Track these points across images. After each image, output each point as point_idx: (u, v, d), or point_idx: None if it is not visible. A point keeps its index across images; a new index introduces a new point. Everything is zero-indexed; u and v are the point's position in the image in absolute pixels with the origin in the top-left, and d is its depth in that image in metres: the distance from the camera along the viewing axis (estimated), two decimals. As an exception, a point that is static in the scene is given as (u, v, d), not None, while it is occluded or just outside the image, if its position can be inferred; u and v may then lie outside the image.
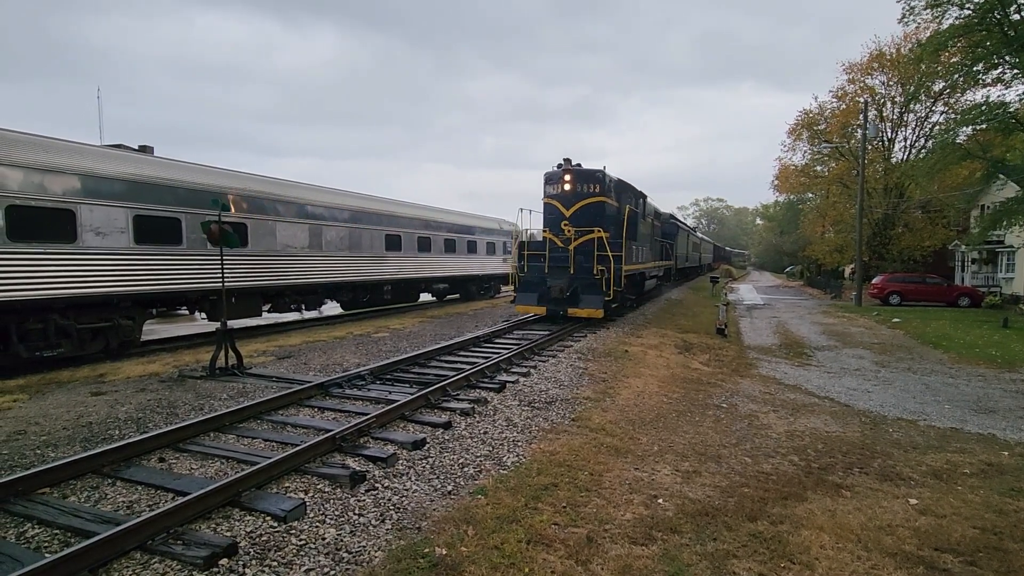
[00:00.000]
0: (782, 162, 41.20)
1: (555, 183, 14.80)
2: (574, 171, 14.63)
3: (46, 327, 9.82)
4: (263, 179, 15.20)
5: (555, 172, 14.90)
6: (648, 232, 19.06)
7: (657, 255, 21.80)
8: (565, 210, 14.47)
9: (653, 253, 20.37)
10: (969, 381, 10.95)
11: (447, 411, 6.83)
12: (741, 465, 5.77)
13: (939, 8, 20.94)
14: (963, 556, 4.06)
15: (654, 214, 21.62)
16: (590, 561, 3.76)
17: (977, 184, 26.34)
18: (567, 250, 14.00)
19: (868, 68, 34.13)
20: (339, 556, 3.67)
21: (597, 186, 14.47)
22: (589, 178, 14.55)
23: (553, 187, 14.89)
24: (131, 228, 10.95)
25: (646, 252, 18.13)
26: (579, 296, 13.66)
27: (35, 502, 4.24)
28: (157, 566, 3.47)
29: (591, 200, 14.46)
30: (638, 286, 18.30)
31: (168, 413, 6.76)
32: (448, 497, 4.63)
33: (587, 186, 14.47)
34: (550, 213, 14.91)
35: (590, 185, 14.48)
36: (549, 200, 14.99)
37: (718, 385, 9.70)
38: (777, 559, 3.87)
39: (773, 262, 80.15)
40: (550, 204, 14.94)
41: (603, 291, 13.48)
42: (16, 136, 9.88)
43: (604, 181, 14.59)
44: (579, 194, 14.49)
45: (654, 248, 20.77)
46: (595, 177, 14.55)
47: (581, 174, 14.65)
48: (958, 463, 6.21)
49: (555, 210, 14.74)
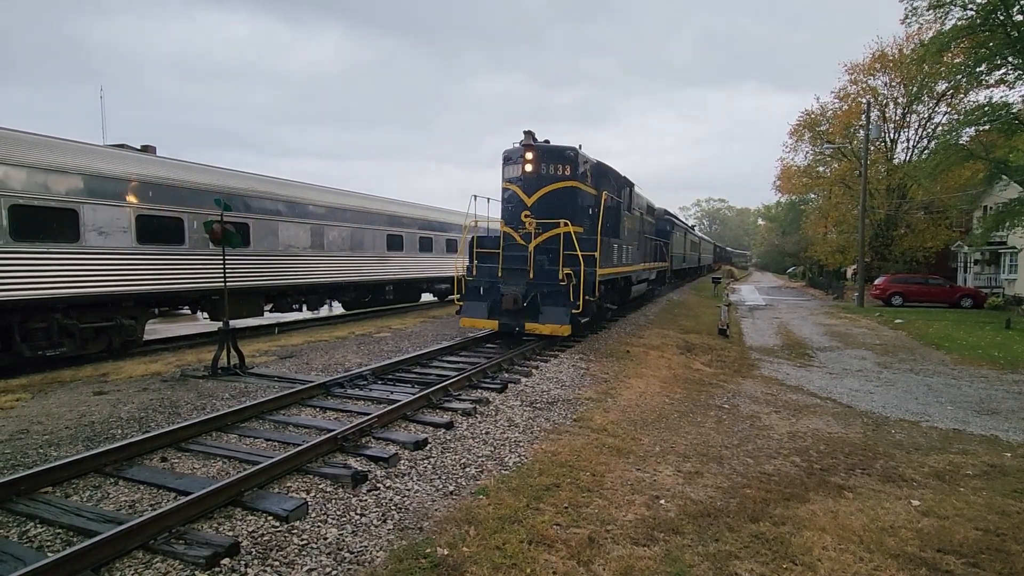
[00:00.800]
0: (784, 163, 41.29)
1: (515, 163, 11.86)
2: (538, 148, 11.52)
3: (49, 326, 9.84)
4: (265, 179, 15.22)
5: (515, 149, 11.89)
6: (636, 228, 16.16)
7: (649, 255, 19.08)
8: (526, 198, 11.53)
9: (643, 253, 17.55)
10: (971, 382, 10.92)
11: (449, 411, 6.83)
12: (743, 466, 5.76)
13: (942, 9, 20.91)
14: (966, 557, 4.05)
15: (646, 208, 18.88)
16: (592, 562, 3.75)
17: (980, 185, 26.33)
18: (527, 248, 11.15)
19: (870, 69, 34.13)
20: (341, 556, 3.68)
21: (567, 168, 11.52)
22: (557, 157, 11.60)
23: (512, 168, 11.95)
24: (134, 228, 10.97)
25: (633, 252, 15.27)
26: (539, 307, 10.70)
27: (37, 501, 4.24)
28: (159, 565, 3.47)
29: (559, 185, 11.51)
30: (623, 292, 15.39)
31: (170, 413, 6.76)
32: (450, 497, 4.63)
33: (554, 167, 11.53)
34: (508, 202, 12.04)
35: (558, 166, 11.54)
36: (508, 185, 12.07)
37: (720, 386, 9.68)
38: (779, 560, 3.87)
39: (775, 263, 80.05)
40: (509, 190, 12.02)
41: (571, 301, 10.51)
42: (19, 136, 9.91)
43: (576, 162, 11.63)
44: (544, 177, 11.50)
45: (644, 247, 17.93)
46: (565, 156, 11.58)
47: (547, 152, 11.61)
48: (960, 464, 6.19)
49: (514, 198, 11.85)
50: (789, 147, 40.60)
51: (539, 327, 10.58)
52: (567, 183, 11.57)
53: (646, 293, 20.46)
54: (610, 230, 12.59)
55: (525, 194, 11.59)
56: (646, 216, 18.82)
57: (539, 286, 10.80)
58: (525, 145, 11.58)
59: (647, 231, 18.89)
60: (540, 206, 11.45)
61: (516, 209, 11.66)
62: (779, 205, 67.69)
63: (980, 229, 24.30)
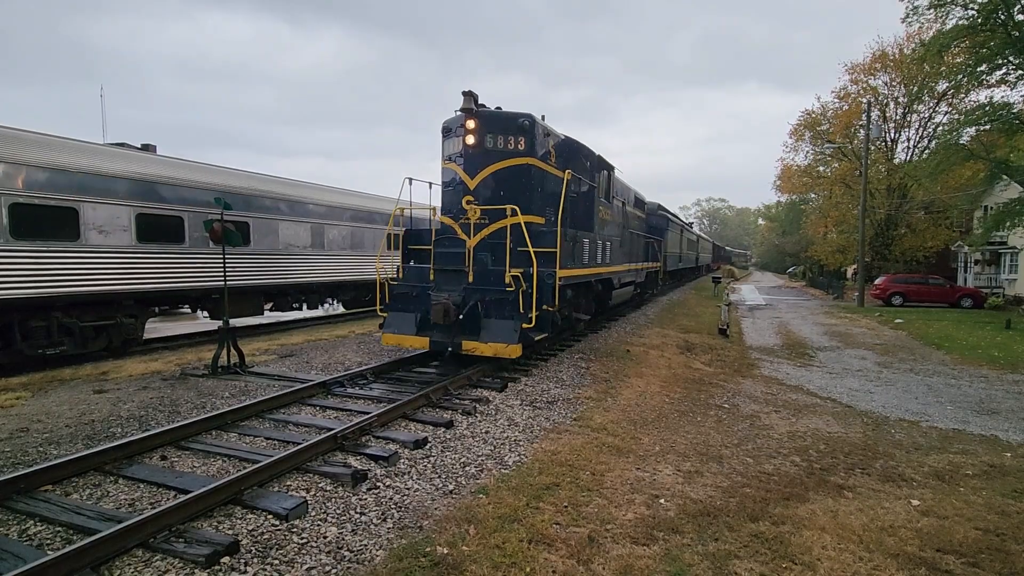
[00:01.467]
0: (784, 162, 41.34)
1: (455, 136, 9.45)
2: (481, 115, 9.08)
3: (49, 325, 9.85)
4: (266, 177, 15.22)
5: (455, 118, 9.46)
6: (618, 221, 13.73)
7: (637, 254, 16.59)
8: (468, 179, 9.17)
9: (628, 251, 14.98)
10: (972, 382, 10.92)
11: (449, 410, 6.83)
12: (743, 465, 5.77)
13: (943, 8, 20.90)
14: (965, 557, 4.05)
15: (633, 201, 16.55)
16: (591, 561, 3.75)
17: (980, 185, 26.33)
18: (465, 243, 8.79)
19: (871, 68, 34.13)
20: (340, 555, 3.68)
21: (521, 141, 9.10)
22: (508, 127, 9.11)
23: (452, 143, 9.56)
24: (134, 226, 10.97)
25: (613, 249, 12.83)
26: (479, 321, 8.36)
27: (37, 499, 4.25)
28: (159, 564, 3.48)
29: (510, 163, 9.11)
30: (601, 298, 12.99)
31: (170, 411, 6.77)
32: (450, 496, 4.63)
33: (504, 141, 9.12)
34: (448, 185, 9.70)
35: (509, 139, 9.12)
36: (448, 164, 9.68)
37: (720, 385, 9.68)
38: (779, 560, 3.87)
39: (775, 262, 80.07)
40: (449, 171, 9.67)
41: (521, 312, 8.13)
42: (19, 134, 9.91)
43: (533, 134, 9.16)
44: (490, 153, 9.11)
45: (631, 245, 15.48)
46: (518, 127, 9.10)
47: (493, 120, 9.16)
48: (960, 464, 6.19)
49: (454, 179, 9.48)
50: (789, 147, 40.73)
51: (479, 346, 8.19)
52: (520, 160, 9.14)
53: (633, 298, 18.10)
54: (580, 221, 10.49)
55: (467, 174, 9.20)
56: (633, 209, 16.48)
57: (481, 292, 8.41)
58: (465, 111, 8.97)
59: (634, 226, 16.37)
60: (485, 189, 9.12)
61: (457, 194, 9.33)
62: (779, 205, 67.67)
63: (980, 229, 24.32)
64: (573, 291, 10.11)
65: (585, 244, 10.34)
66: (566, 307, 9.88)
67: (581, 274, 10.14)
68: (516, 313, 8.16)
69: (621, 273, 14.01)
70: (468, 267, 8.66)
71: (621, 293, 14.53)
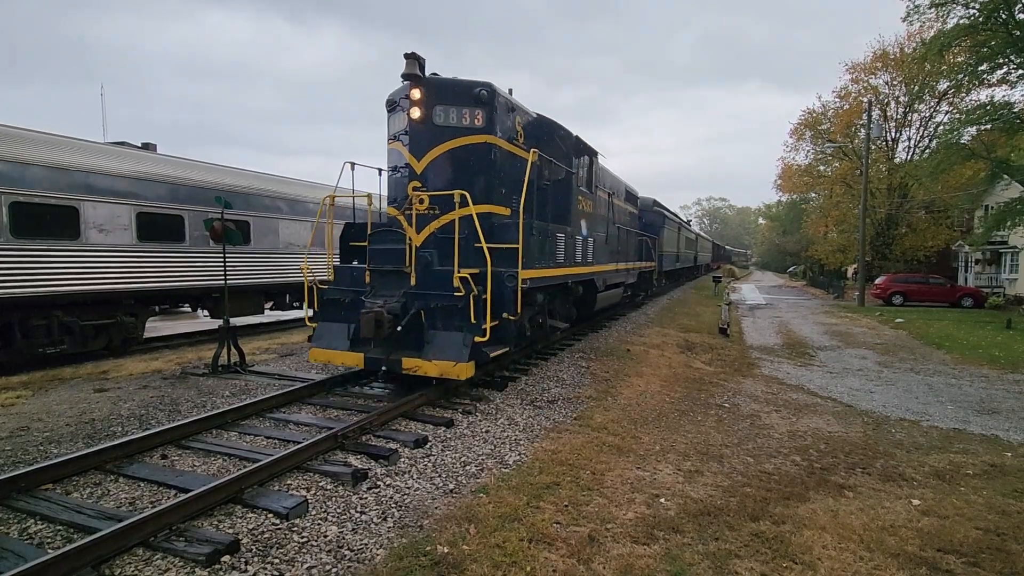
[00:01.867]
0: (785, 162, 41.32)
1: (400, 110, 8.07)
2: (430, 84, 7.66)
3: (49, 324, 9.85)
4: (267, 176, 15.22)
5: (401, 88, 8.05)
6: (603, 215, 12.40)
7: (627, 253, 15.22)
8: (415, 161, 7.74)
9: (616, 249, 13.61)
10: (972, 382, 10.92)
11: (449, 409, 6.83)
12: (743, 465, 5.76)
13: (944, 7, 20.88)
14: (966, 557, 4.05)
15: (624, 195, 15.17)
16: (592, 560, 3.75)
17: (981, 184, 26.32)
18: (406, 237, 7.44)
19: (872, 68, 34.13)
20: (341, 554, 3.68)
21: (479, 115, 7.73)
22: (461, 97, 7.74)
23: (398, 119, 8.19)
24: (134, 225, 10.97)
25: (598, 247, 11.56)
26: (423, 333, 6.97)
27: (38, 498, 4.25)
28: (160, 562, 3.48)
29: (465, 141, 7.72)
30: (582, 303, 11.66)
31: (171, 410, 6.77)
32: (450, 495, 4.63)
33: (457, 114, 7.74)
34: (395, 170, 8.35)
35: (464, 113, 7.74)
36: (393, 144, 8.33)
37: (720, 385, 9.68)
38: (779, 559, 3.87)
39: (776, 262, 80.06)
40: (394, 151, 8.29)
41: (473, 323, 6.76)
42: (20, 133, 9.91)
43: (494, 107, 7.78)
44: (440, 131, 7.70)
45: (621, 242, 14.13)
46: (473, 96, 7.70)
47: (444, 89, 7.76)
48: (961, 464, 6.19)
49: (400, 161, 8.12)
50: (790, 146, 40.73)
51: (422, 364, 6.73)
52: (478, 138, 7.76)
53: (623, 302, 16.48)
54: (553, 212, 9.12)
55: (413, 156, 7.78)
56: (624, 204, 15.20)
57: (425, 298, 7.04)
58: (409, 78, 7.45)
59: (624, 222, 15.02)
60: (435, 174, 7.73)
61: (403, 180, 7.97)
62: (780, 204, 67.64)
63: (981, 229, 24.30)
64: (545, 295, 8.98)
65: (560, 240, 9.06)
66: (537, 314, 8.87)
67: (554, 275, 8.79)
68: (467, 324, 6.77)
69: (607, 274, 12.68)
70: (410, 267, 7.24)
71: (608, 296, 13.17)
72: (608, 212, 12.96)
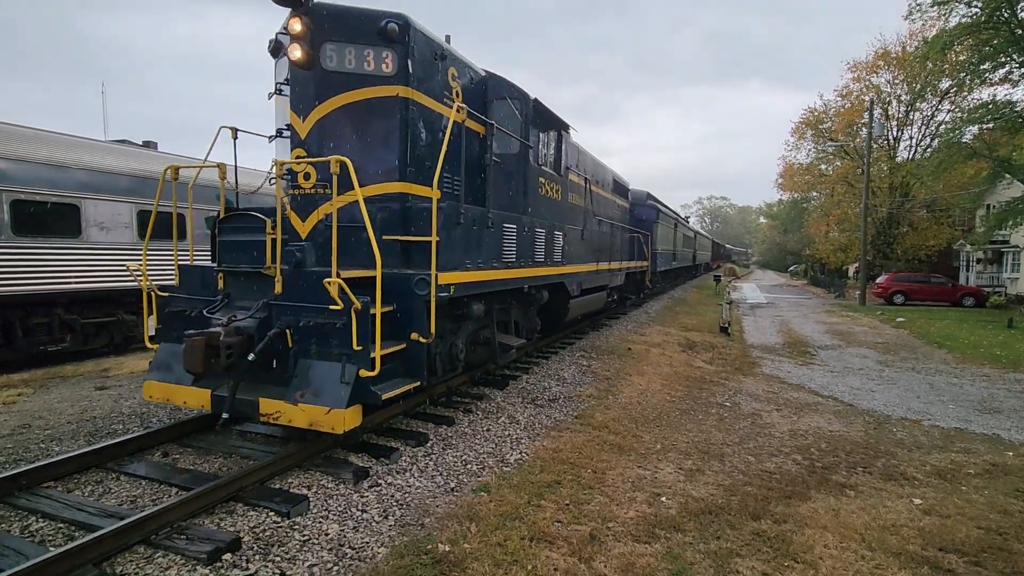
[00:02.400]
0: (786, 161, 41.28)
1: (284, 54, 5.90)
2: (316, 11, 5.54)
3: (51, 321, 9.86)
4: (267, 175, 15.17)
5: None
6: (578, 204, 10.42)
7: (613, 252, 13.23)
8: (299, 120, 5.96)
9: (598, 246, 11.73)
10: (973, 381, 10.90)
11: (450, 408, 6.83)
12: (744, 464, 5.76)
13: (946, 6, 20.85)
14: (967, 556, 4.04)
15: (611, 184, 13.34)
16: (593, 559, 3.75)
17: (982, 183, 26.28)
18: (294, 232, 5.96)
19: (874, 67, 34.07)
20: (342, 552, 3.68)
21: (388, 57, 5.68)
22: (361, 32, 5.69)
23: (283, 66, 6.28)
24: (135, 223, 10.97)
25: (570, 242, 9.66)
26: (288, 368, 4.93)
27: (39, 496, 4.25)
28: (161, 560, 3.48)
29: (367, 93, 5.74)
30: (551, 312, 9.78)
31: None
32: (451, 494, 4.63)
33: (356, 55, 5.72)
34: (280, 133, 6.51)
35: (366, 54, 5.70)
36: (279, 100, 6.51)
37: (721, 383, 9.68)
38: (781, 558, 3.86)
39: (776, 261, 79.99)
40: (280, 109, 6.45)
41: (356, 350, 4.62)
42: (21, 130, 9.91)
43: (407, 46, 5.68)
44: (332, 77, 5.76)
45: (599, 237, 11.95)
46: (379, 31, 5.57)
47: (338, 19, 5.73)
48: (962, 463, 6.18)
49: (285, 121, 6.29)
50: (791, 145, 40.65)
51: (286, 409, 4.66)
52: (386, 89, 5.72)
53: (607, 307, 14.25)
54: (500, 197, 7.21)
55: (295, 113, 5.97)
56: (609, 194, 13.20)
57: (293, 313, 4.98)
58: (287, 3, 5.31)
59: (609, 215, 13.07)
60: (325, 137, 5.87)
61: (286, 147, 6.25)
62: (781, 203, 67.55)
63: (983, 228, 24.29)
64: (487, 304, 6.87)
65: (510, 232, 7.14)
66: (480, 329, 7.03)
67: (499, 277, 6.76)
68: (348, 351, 4.67)
69: (584, 275, 10.70)
70: (274, 267, 5.06)
71: (585, 303, 11.13)
72: (586, 201, 10.88)
